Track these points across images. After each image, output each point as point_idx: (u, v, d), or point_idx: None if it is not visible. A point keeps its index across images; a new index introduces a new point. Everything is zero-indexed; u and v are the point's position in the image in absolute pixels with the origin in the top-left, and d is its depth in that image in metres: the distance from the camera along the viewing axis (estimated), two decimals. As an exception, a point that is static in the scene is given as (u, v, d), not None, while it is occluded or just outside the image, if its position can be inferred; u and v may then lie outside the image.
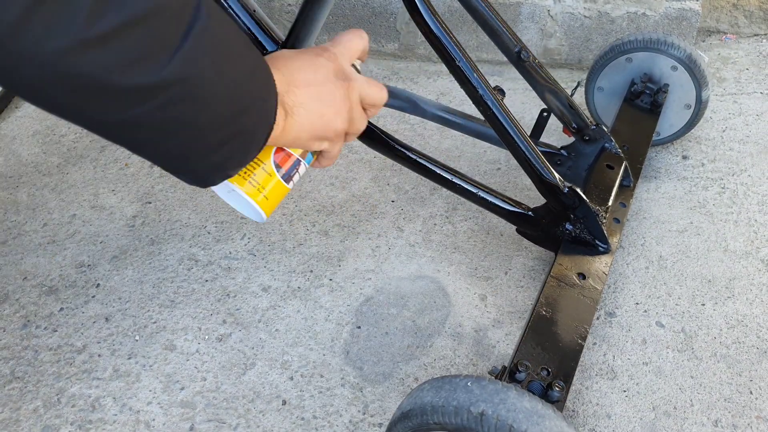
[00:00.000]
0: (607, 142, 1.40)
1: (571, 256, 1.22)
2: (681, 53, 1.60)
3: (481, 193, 1.28)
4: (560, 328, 1.08)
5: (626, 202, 1.37)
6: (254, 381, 1.27)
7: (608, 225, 1.29)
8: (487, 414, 0.81)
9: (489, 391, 0.84)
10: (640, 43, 1.62)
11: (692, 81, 1.61)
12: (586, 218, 1.22)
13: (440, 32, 1.16)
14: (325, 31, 2.17)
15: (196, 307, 1.40)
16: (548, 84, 1.38)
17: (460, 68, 1.17)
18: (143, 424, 1.20)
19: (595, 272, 1.20)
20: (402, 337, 1.34)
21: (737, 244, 1.50)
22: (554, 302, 1.13)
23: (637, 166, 1.47)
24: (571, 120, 1.41)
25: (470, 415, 0.82)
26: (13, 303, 1.42)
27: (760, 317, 1.35)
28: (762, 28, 2.21)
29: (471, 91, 1.19)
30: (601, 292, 1.17)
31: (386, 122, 1.89)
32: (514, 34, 1.35)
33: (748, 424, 1.18)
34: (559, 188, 1.21)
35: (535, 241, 1.31)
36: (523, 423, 0.81)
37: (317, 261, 1.50)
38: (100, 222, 1.61)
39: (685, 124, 1.68)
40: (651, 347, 1.31)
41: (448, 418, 0.84)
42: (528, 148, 1.20)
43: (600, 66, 1.70)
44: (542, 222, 1.26)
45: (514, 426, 0.81)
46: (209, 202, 1.65)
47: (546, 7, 2.00)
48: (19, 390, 1.26)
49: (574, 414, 1.20)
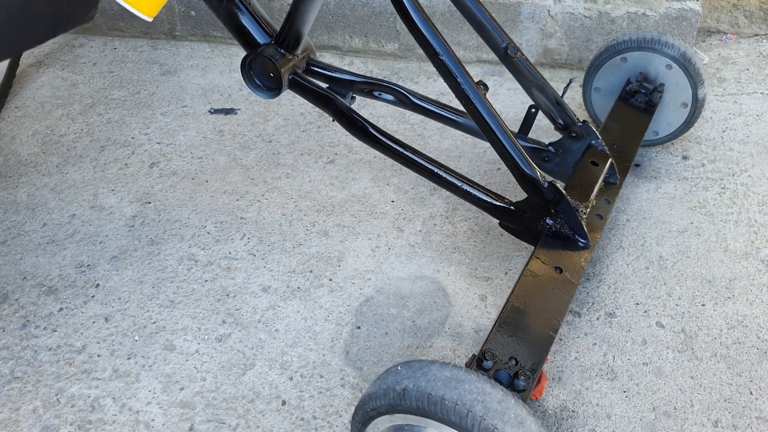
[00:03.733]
0: (594, 139, 1.40)
1: (549, 250, 1.23)
2: (675, 52, 1.59)
3: (465, 187, 1.30)
4: (532, 320, 1.09)
5: (611, 199, 1.37)
6: (254, 381, 1.27)
7: (590, 221, 1.29)
8: (408, 389, 0.88)
9: (413, 368, 0.91)
10: (635, 42, 1.63)
11: (687, 79, 1.61)
12: (566, 213, 1.23)
13: (425, 26, 1.17)
14: (325, 31, 2.17)
15: (196, 307, 1.40)
16: (535, 80, 1.39)
17: (443, 62, 1.19)
18: (143, 425, 1.20)
19: (573, 267, 1.21)
20: (402, 338, 1.34)
21: (737, 245, 1.50)
22: (529, 294, 1.14)
23: (626, 164, 1.47)
24: (558, 116, 1.41)
25: (394, 392, 0.90)
26: (13, 303, 1.42)
27: (760, 318, 1.35)
28: (762, 28, 2.21)
29: (454, 84, 1.20)
30: (576, 286, 1.18)
31: (386, 122, 1.89)
32: (502, 30, 1.35)
33: (748, 425, 1.18)
34: (539, 183, 1.22)
35: (516, 234, 1.32)
36: (441, 389, 0.87)
37: (317, 261, 1.50)
38: (99, 222, 1.61)
39: (682, 123, 1.68)
40: (651, 347, 1.31)
41: (378, 401, 0.92)
42: (509, 142, 1.21)
43: (596, 67, 1.70)
44: (524, 216, 1.27)
45: (432, 393, 0.87)
46: (209, 202, 1.65)
47: (546, 7, 2.00)
48: (19, 390, 1.26)
49: (573, 414, 1.20)
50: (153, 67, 2.16)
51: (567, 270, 1.19)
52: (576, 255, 1.23)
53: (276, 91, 1.34)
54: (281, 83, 1.33)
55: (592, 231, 1.27)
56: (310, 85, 1.36)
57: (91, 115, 1.96)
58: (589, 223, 1.28)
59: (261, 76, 1.36)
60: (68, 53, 2.23)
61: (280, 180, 1.71)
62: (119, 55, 2.22)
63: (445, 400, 0.86)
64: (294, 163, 1.77)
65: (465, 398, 0.85)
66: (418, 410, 0.88)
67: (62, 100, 2.02)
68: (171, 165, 1.77)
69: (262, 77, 1.35)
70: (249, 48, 1.35)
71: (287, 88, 1.36)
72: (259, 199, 1.66)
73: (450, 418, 0.86)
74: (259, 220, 1.60)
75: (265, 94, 1.35)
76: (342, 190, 1.68)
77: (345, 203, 1.64)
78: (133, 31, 2.30)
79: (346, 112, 1.34)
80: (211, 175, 1.74)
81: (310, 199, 1.66)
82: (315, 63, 1.43)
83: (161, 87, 2.07)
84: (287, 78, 1.35)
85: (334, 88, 1.43)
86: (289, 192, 1.68)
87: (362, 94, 1.46)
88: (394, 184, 1.69)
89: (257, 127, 1.90)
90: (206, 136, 1.87)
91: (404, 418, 0.91)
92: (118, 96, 2.03)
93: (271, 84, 1.35)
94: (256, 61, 1.34)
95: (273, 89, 1.33)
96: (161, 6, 0.86)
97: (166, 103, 2.00)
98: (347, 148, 1.80)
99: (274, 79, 1.34)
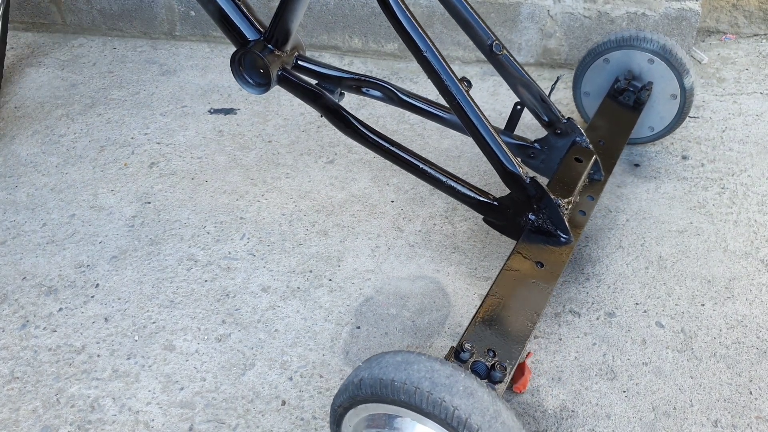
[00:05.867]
0: (578, 136, 1.41)
1: (531, 244, 1.24)
2: (654, 46, 1.60)
3: (449, 182, 1.31)
4: (511, 313, 1.10)
5: (595, 195, 1.38)
6: (253, 381, 1.27)
7: (572, 217, 1.30)
8: (363, 378, 0.91)
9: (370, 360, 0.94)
10: (614, 42, 1.64)
11: (671, 71, 1.61)
12: (548, 209, 1.23)
13: (408, 23, 1.18)
14: (325, 31, 2.17)
15: (196, 307, 1.40)
16: (521, 77, 1.39)
17: (427, 58, 1.20)
18: (142, 425, 1.20)
19: (554, 261, 1.21)
20: (401, 338, 1.34)
21: (737, 245, 1.50)
22: (508, 288, 1.15)
23: (612, 161, 1.47)
24: (543, 113, 1.42)
25: (353, 385, 0.93)
26: (12, 303, 1.42)
27: (759, 317, 1.35)
28: (762, 28, 2.21)
29: (438, 81, 1.21)
30: (557, 280, 1.18)
31: (386, 122, 1.89)
32: (488, 27, 1.36)
33: (748, 425, 1.18)
34: (521, 178, 1.23)
35: (500, 230, 1.33)
36: (392, 372, 0.90)
37: (317, 261, 1.50)
38: (99, 222, 1.61)
39: (675, 115, 1.67)
40: (651, 347, 1.31)
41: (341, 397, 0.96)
42: (492, 137, 1.22)
43: (581, 71, 1.72)
44: (507, 212, 1.28)
45: (383, 378, 0.90)
46: (209, 202, 1.65)
47: (546, 7, 2.00)
48: (18, 390, 1.26)
49: (573, 414, 1.20)
50: (153, 67, 2.16)
51: (548, 264, 1.20)
52: (558, 250, 1.24)
53: (265, 87, 1.35)
54: (270, 79, 1.35)
55: (574, 227, 1.28)
56: (298, 81, 1.37)
57: (91, 115, 1.96)
58: (571, 219, 1.29)
59: (250, 72, 1.37)
60: (68, 53, 2.23)
61: (280, 180, 1.71)
62: (119, 55, 2.22)
63: (394, 381, 0.88)
64: (294, 163, 1.77)
65: (413, 377, 0.88)
66: (372, 396, 0.91)
67: (62, 100, 2.02)
68: (171, 165, 1.77)
69: (251, 73, 1.36)
70: (238, 44, 1.36)
71: (276, 84, 1.37)
72: (259, 199, 1.66)
73: (400, 397, 0.88)
74: (259, 220, 1.60)
75: (254, 89, 1.36)
76: (342, 190, 1.68)
77: (345, 203, 1.64)
78: (132, 31, 2.30)
79: (333, 108, 1.36)
80: (210, 175, 1.74)
81: (309, 199, 1.66)
82: (304, 59, 1.46)
83: (161, 87, 2.07)
84: (276, 74, 1.36)
85: (322, 84, 1.45)
86: (288, 192, 1.68)
87: (351, 90, 1.48)
88: (394, 184, 1.69)
89: (257, 127, 1.90)
90: (206, 136, 1.87)
91: (365, 408, 0.94)
92: (117, 96, 2.03)
93: (260, 80, 1.36)
94: (245, 57, 1.35)
95: (262, 85, 1.35)
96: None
97: (165, 103, 2.00)
98: (347, 148, 1.80)
99: (263, 75, 1.35)
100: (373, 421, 0.94)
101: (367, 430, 0.95)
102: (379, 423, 0.93)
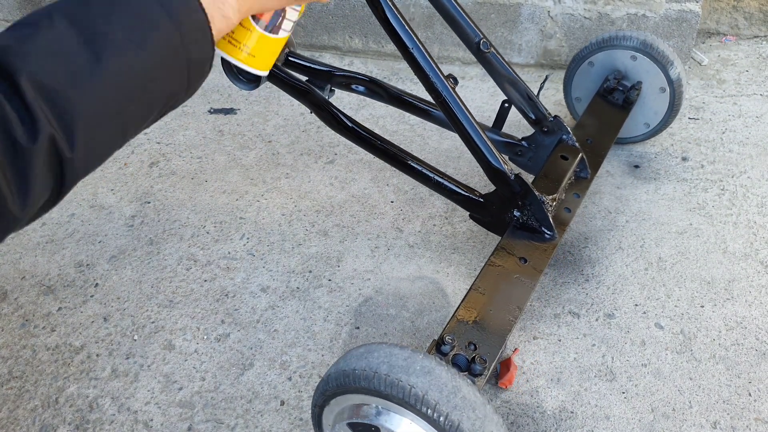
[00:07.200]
0: (565, 134, 1.42)
1: (515, 240, 1.25)
2: (634, 42, 1.61)
3: (436, 178, 1.32)
4: (494, 307, 1.11)
5: (580, 193, 1.39)
6: (253, 381, 1.27)
7: (558, 214, 1.31)
8: (330, 374, 0.94)
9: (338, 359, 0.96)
10: (595, 45, 1.66)
11: (655, 64, 1.62)
12: (532, 205, 1.24)
13: (395, 19, 1.18)
14: (325, 32, 2.17)
15: (195, 307, 1.40)
16: (508, 75, 1.40)
17: (413, 55, 1.20)
18: (141, 424, 1.20)
19: (538, 257, 1.22)
20: (401, 338, 1.34)
21: (736, 246, 1.50)
22: (492, 283, 1.15)
23: (598, 159, 1.48)
24: (530, 111, 1.43)
25: (322, 382, 0.96)
26: (12, 302, 1.42)
27: (759, 319, 1.35)
28: (762, 29, 2.21)
29: (424, 77, 1.22)
30: (540, 276, 1.19)
31: (386, 122, 1.89)
32: (475, 25, 1.37)
33: (747, 426, 1.18)
34: (506, 174, 1.23)
35: (486, 226, 1.33)
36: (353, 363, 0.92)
37: (316, 261, 1.50)
38: (98, 221, 1.61)
39: (668, 108, 1.67)
40: (650, 349, 1.31)
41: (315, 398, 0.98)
42: (477, 134, 1.23)
43: (569, 78, 1.73)
44: (492, 208, 1.29)
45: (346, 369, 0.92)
46: (208, 202, 1.65)
47: (546, 8, 2.00)
48: (17, 389, 1.26)
49: (572, 415, 1.20)
50: (153, 67, 2.16)
51: (531, 260, 1.21)
52: (542, 246, 1.24)
53: (254, 83, 1.37)
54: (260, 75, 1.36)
55: (559, 224, 1.29)
56: (288, 78, 1.38)
57: (91, 114, 1.96)
58: (556, 215, 1.30)
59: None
60: (68, 52, 2.23)
61: (280, 180, 1.71)
62: (119, 55, 2.22)
63: (355, 370, 0.90)
64: (293, 163, 1.77)
65: (372, 363, 0.89)
66: (339, 389, 0.92)
67: (62, 99, 2.02)
68: (170, 165, 1.77)
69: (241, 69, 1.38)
70: None
71: (266, 80, 1.39)
72: (259, 199, 1.66)
73: (361, 384, 0.90)
74: (259, 220, 1.60)
75: (245, 85, 1.38)
76: (341, 190, 1.68)
77: (344, 203, 1.64)
78: (132, 31, 2.30)
79: (323, 104, 1.37)
80: (210, 174, 1.74)
81: (309, 199, 1.66)
82: (294, 55, 1.48)
83: (161, 87, 2.07)
84: None
85: (312, 80, 1.46)
86: (288, 192, 1.68)
87: (340, 86, 1.50)
88: (394, 185, 1.69)
89: (257, 127, 1.90)
90: (206, 136, 1.87)
91: (336, 402, 0.95)
92: (117, 95, 2.03)
93: (250, 76, 1.38)
94: None
95: (252, 81, 1.37)
96: (271, 59, 0.87)
97: (165, 103, 1.99)
98: (347, 148, 1.80)
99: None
100: (343, 413, 0.95)
101: (340, 423, 0.96)
102: (350, 414, 0.94)
